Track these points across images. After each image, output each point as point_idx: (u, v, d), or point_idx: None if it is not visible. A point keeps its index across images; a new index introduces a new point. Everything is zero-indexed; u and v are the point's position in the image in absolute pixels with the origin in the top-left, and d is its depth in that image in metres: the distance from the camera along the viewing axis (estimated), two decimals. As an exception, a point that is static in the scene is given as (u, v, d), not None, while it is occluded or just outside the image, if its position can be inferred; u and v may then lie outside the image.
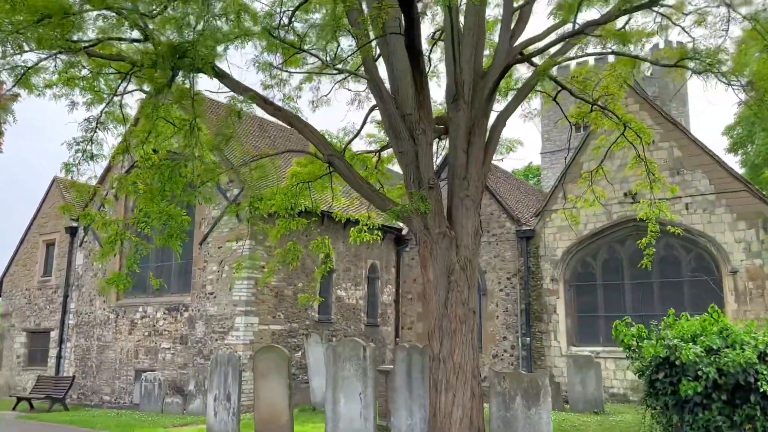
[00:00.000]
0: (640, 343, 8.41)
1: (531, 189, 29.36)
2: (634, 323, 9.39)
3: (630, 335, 8.73)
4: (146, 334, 18.31)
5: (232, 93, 9.37)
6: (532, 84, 9.53)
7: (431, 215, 8.32)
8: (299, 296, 14.77)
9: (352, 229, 13.76)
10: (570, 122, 12.49)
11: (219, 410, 11.20)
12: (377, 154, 12.78)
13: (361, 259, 20.42)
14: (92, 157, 10.95)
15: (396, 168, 13.96)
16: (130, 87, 10.89)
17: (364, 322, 20.23)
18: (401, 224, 21.61)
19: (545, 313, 18.75)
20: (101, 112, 10.82)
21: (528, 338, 18.79)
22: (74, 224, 20.87)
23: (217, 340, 16.72)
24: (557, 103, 12.21)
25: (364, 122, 11.08)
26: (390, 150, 14.01)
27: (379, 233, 15.47)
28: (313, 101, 10.80)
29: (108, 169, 20.15)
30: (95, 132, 10.93)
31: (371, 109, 10.87)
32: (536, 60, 10.21)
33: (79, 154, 10.88)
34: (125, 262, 19.75)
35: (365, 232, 13.77)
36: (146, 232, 9.48)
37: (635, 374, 8.38)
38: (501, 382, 8.16)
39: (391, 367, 9.89)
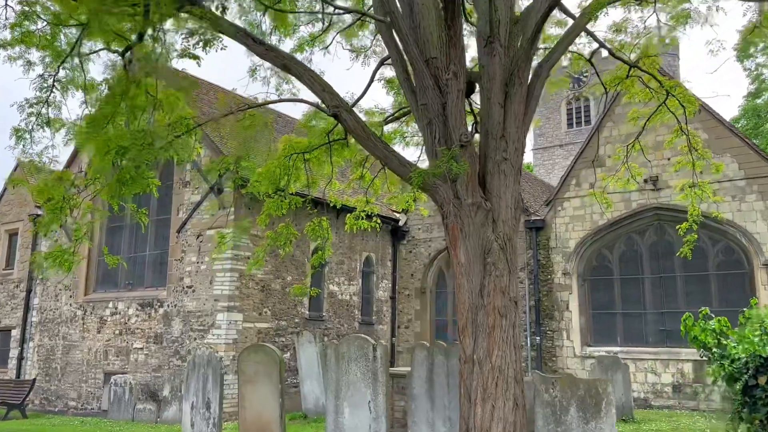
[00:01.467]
0: (723, 341, 6.80)
1: (534, 178, 27.87)
2: (713, 315, 7.75)
3: (707, 331, 7.11)
4: (117, 332, 16.45)
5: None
6: (582, 24, 7.91)
7: (462, 182, 6.68)
8: (291, 287, 13.06)
9: (348, 215, 12.13)
10: (605, 88, 10.93)
11: (197, 420, 9.47)
12: (381, 125, 11.15)
13: (355, 251, 18.73)
14: (48, 122, 9.23)
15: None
16: (96, 47, 9.21)
17: (358, 320, 18.54)
18: (397, 214, 19.97)
19: (557, 310, 17.20)
20: (58, 67, 9.04)
21: (538, 338, 17.22)
22: (39, 212, 18.93)
23: (196, 339, 14.93)
24: (592, 65, 10.66)
25: (371, 80, 9.42)
26: (392, 126, 12.42)
27: (378, 221, 13.85)
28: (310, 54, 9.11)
29: (75, 154, 18.29)
30: (51, 91, 9.18)
31: (380, 63, 9.21)
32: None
33: (33, 118, 9.14)
34: (95, 252, 17.95)
35: (363, 219, 12.19)
36: (102, 197, 7.73)
37: (717, 380, 6.76)
38: (550, 389, 6.54)
39: (407, 370, 8.22)
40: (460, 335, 6.77)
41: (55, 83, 9.14)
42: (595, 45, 10.42)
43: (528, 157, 53.74)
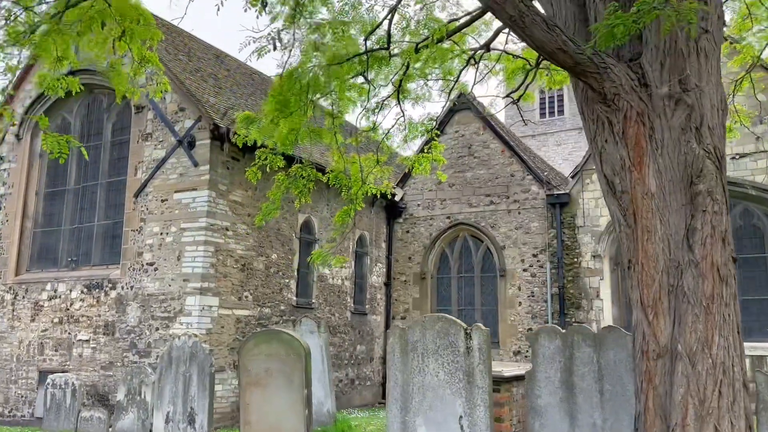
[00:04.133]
0: None
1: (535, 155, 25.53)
2: None
3: None
4: (56, 320, 13.19)
5: None
6: None
7: (652, 58, 4.09)
8: (312, 252, 10.28)
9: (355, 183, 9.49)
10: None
11: (174, 440, 6.57)
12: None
13: (348, 227, 15.88)
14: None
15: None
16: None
17: (350, 309, 15.75)
18: (397, 189, 17.25)
19: (584, 298, 14.83)
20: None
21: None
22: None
23: (158, 329, 11.88)
24: None
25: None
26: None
27: (388, 185, 11.26)
28: None
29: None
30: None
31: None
32: None
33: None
34: (30, 223, 14.59)
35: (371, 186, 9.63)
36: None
37: None
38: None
39: (517, 368, 5.54)
40: (644, 312, 4.13)
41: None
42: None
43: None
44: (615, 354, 5.26)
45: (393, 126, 10.02)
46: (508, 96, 10.36)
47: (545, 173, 16.10)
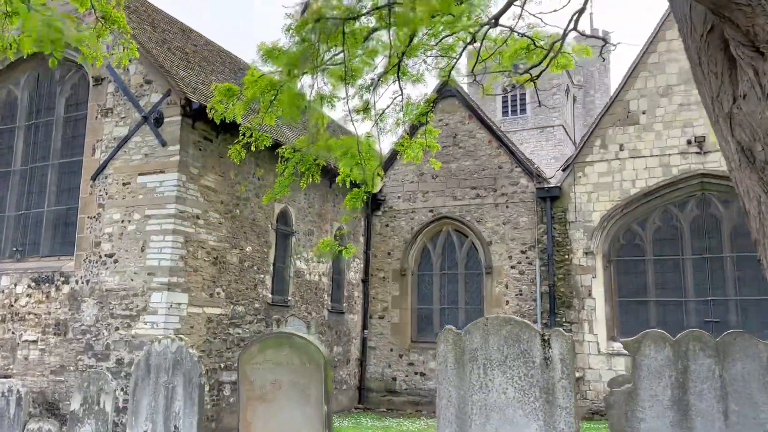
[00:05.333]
0: None
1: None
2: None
3: None
4: (-3, 319, 11.63)
5: None
6: None
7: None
8: (321, 240, 9.15)
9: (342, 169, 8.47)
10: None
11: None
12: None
13: (326, 220, 14.76)
14: None
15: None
16: None
17: (328, 307, 14.60)
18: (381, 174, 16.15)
19: (576, 297, 14.10)
20: None
21: (553, 330, 14.02)
22: None
23: (118, 329, 10.51)
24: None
25: None
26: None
27: (380, 171, 10.20)
28: None
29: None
30: None
31: None
32: None
33: None
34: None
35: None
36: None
37: None
38: None
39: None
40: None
41: None
42: None
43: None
44: (743, 366, 4.31)
45: (389, 105, 9.03)
46: (521, 72, 9.43)
47: (534, 163, 15.32)
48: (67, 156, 11.99)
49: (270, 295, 12.70)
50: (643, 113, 14.15)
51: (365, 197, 7.91)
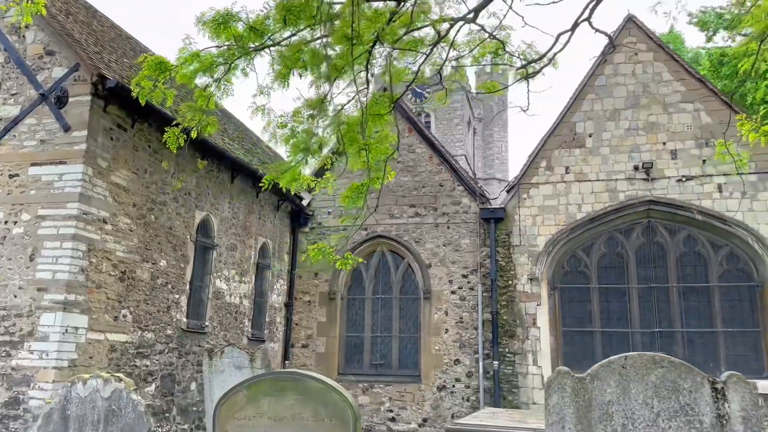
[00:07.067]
0: None
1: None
2: None
3: None
4: None
5: None
6: None
7: None
8: (315, 245, 7.54)
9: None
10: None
11: None
12: None
13: (250, 234, 12.98)
14: None
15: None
16: None
17: (248, 334, 12.74)
18: (303, 192, 14.57)
19: (519, 326, 13.21)
20: None
21: (496, 362, 13.03)
22: None
23: (-8, 359, 8.20)
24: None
25: None
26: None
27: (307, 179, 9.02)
28: None
29: None
30: None
31: None
32: None
33: None
34: None
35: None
36: None
37: None
38: None
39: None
40: None
41: None
42: None
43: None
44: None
45: (351, 99, 7.71)
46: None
47: (477, 183, 14.43)
48: (-68, 139, 9.51)
49: (185, 320, 10.73)
50: (590, 136, 13.70)
51: (373, 185, 6.44)
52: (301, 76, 7.82)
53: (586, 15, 6.85)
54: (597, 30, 7.03)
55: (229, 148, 12.19)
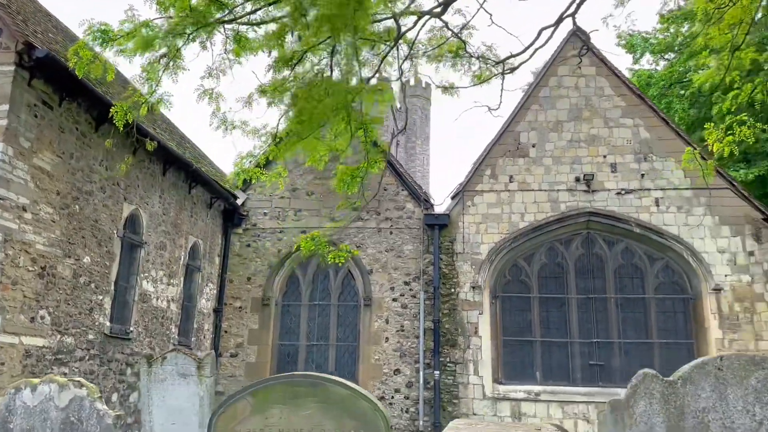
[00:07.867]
0: None
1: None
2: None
3: None
4: None
5: None
6: None
7: None
8: (309, 234, 6.91)
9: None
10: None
11: None
12: None
13: (181, 232, 12.00)
14: None
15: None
16: None
17: (174, 341, 11.71)
18: (239, 191, 13.71)
19: (461, 335, 12.93)
20: None
21: (437, 372, 12.67)
22: None
23: None
24: None
25: None
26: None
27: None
28: None
29: None
30: None
31: None
32: None
33: None
34: None
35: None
36: None
37: None
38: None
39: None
40: None
41: None
42: None
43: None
44: None
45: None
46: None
47: (422, 188, 14.11)
48: None
49: (108, 323, 9.67)
50: (533, 146, 13.72)
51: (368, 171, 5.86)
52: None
53: (572, 10, 6.66)
54: (579, 28, 6.88)
55: (162, 137, 11.23)
